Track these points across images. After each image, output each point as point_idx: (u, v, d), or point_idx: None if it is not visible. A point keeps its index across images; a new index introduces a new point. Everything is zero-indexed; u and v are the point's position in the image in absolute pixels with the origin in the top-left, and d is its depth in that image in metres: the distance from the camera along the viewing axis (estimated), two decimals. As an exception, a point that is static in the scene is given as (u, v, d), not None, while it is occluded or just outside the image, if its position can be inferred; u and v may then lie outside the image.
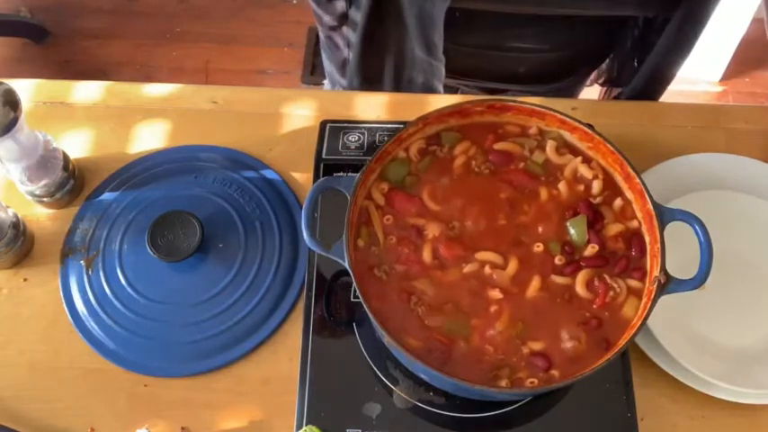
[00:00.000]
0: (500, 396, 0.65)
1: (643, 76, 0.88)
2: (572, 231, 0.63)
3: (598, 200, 0.64)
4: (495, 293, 0.60)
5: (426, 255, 0.62)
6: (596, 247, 0.62)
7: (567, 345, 0.59)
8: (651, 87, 0.90)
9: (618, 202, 0.64)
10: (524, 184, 0.65)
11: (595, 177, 0.65)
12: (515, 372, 0.58)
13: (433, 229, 0.63)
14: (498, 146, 0.67)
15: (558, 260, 0.62)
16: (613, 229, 0.63)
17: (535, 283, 0.61)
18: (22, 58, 1.94)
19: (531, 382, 0.57)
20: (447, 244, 0.62)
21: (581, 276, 0.61)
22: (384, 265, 0.62)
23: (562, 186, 0.65)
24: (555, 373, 0.58)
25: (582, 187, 0.65)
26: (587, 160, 0.66)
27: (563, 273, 0.61)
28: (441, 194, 0.65)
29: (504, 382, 0.57)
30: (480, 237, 0.63)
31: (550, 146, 0.66)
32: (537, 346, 0.59)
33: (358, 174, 0.62)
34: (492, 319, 0.60)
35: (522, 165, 0.66)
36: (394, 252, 0.62)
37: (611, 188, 0.65)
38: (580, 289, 0.61)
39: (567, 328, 0.59)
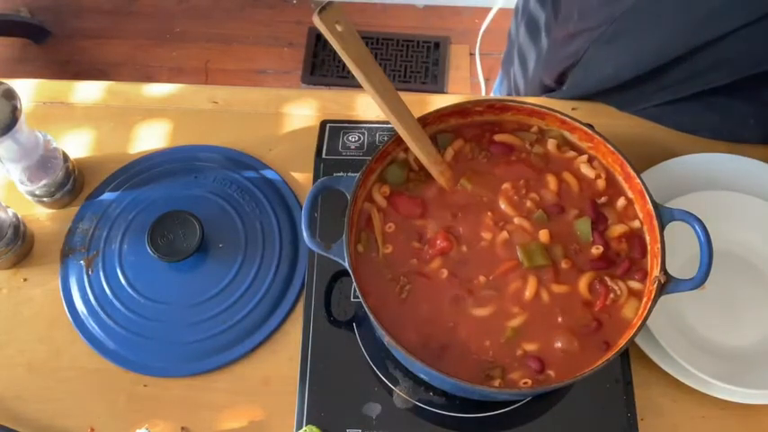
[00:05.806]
0: (500, 396, 0.65)
1: None
2: (577, 232, 0.63)
3: (602, 199, 0.64)
4: (494, 294, 0.61)
5: (426, 256, 0.62)
6: (601, 248, 0.62)
7: (567, 346, 0.59)
8: None
9: (621, 202, 0.64)
10: (527, 175, 0.65)
11: (598, 177, 0.65)
12: (508, 372, 0.58)
13: (432, 230, 0.63)
14: (499, 137, 0.67)
15: (564, 264, 0.61)
16: (617, 230, 0.63)
17: (533, 284, 0.60)
18: (22, 58, 1.93)
19: (525, 383, 0.57)
20: (447, 243, 0.62)
21: (584, 279, 0.61)
22: (384, 267, 0.61)
23: (568, 179, 0.65)
24: (551, 373, 0.58)
25: (586, 185, 0.65)
26: (590, 159, 0.66)
27: (566, 275, 0.61)
28: (442, 195, 0.65)
29: (497, 382, 0.57)
30: (480, 239, 0.63)
31: (551, 143, 0.66)
32: (533, 347, 0.59)
33: (358, 174, 0.62)
34: (490, 320, 0.60)
35: (524, 155, 0.66)
36: (394, 256, 0.62)
37: (614, 188, 0.65)
38: (582, 292, 0.60)
39: (567, 329, 0.59)
